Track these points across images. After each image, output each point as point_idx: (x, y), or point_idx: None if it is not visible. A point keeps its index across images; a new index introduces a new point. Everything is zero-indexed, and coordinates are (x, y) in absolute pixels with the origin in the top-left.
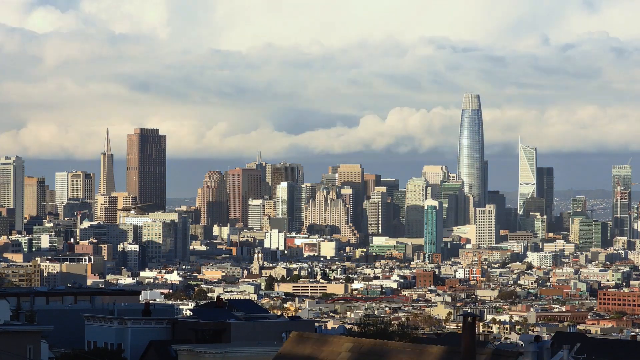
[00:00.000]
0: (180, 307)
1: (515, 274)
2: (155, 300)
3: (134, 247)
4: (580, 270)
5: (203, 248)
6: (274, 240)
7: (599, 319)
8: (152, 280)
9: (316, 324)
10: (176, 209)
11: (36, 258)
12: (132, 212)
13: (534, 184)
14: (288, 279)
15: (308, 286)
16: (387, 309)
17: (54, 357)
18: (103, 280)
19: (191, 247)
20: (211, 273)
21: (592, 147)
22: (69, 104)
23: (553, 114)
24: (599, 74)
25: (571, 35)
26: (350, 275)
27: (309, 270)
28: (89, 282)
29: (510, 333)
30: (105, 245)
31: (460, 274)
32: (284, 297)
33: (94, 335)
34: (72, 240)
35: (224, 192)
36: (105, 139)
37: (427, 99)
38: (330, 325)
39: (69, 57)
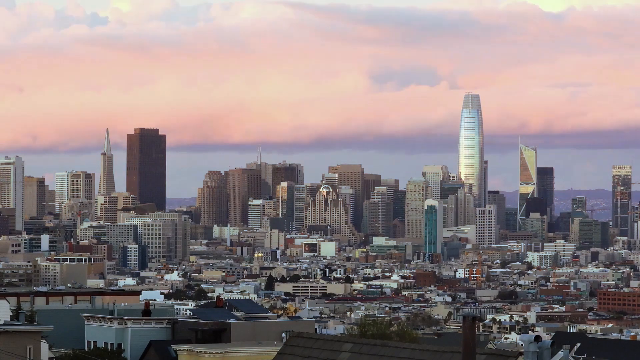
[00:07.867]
0: (180, 307)
1: (516, 274)
2: (155, 300)
3: (134, 247)
4: (580, 270)
5: (203, 248)
6: (274, 240)
7: (599, 319)
8: (152, 280)
9: (316, 324)
10: (176, 209)
11: (36, 258)
12: (132, 212)
13: (534, 184)
14: (288, 279)
15: (308, 286)
16: (387, 309)
17: (54, 357)
18: (103, 280)
19: (191, 247)
20: (211, 273)
21: None
22: None
23: None
24: None
25: None
26: (350, 275)
27: (309, 270)
28: (89, 282)
29: (510, 333)
30: (105, 245)
31: (460, 274)
32: (284, 297)
33: (94, 336)
34: (72, 240)
35: (224, 192)
36: (105, 139)
37: None
38: (330, 325)
39: None
